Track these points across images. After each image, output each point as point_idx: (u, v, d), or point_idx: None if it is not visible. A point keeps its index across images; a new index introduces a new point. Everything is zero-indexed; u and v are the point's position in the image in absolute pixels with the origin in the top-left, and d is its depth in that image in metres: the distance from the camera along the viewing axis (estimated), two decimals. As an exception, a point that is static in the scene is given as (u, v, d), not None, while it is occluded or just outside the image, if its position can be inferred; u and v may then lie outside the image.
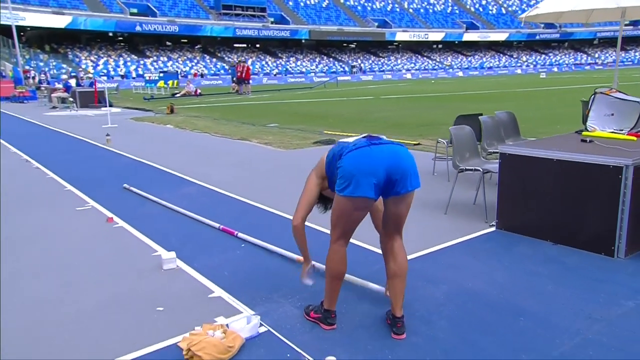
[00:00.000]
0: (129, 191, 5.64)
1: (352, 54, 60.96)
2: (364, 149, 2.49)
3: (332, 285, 2.72)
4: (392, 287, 2.66)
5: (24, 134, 11.10)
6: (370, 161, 2.45)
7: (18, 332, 2.70)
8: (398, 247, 2.68)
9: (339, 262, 2.68)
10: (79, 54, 43.29)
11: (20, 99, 22.49)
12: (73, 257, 3.77)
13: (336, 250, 2.67)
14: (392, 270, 2.66)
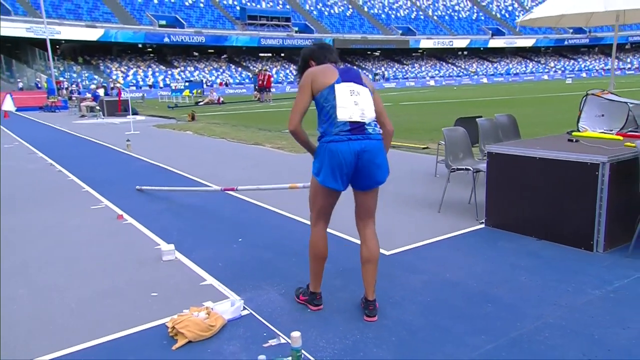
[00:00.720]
0: (141, 191, 5.95)
1: (376, 62, 61.14)
2: (341, 144, 2.63)
3: (314, 268, 2.94)
4: (365, 272, 2.84)
5: (51, 141, 11.68)
6: (343, 156, 2.63)
7: (28, 313, 2.99)
8: (370, 234, 2.86)
9: (318, 244, 2.89)
10: (110, 65, 44.76)
11: (52, 109, 23.49)
12: (82, 250, 4.07)
13: (315, 232, 2.90)
14: (364, 256, 2.84)
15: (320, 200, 2.83)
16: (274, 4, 56.38)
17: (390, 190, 5.91)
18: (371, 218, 2.88)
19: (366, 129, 2.66)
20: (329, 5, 60.16)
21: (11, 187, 6.46)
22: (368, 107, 2.67)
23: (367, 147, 2.65)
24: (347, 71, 2.75)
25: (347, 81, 2.68)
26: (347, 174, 2.69)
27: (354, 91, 2.65)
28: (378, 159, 2.70)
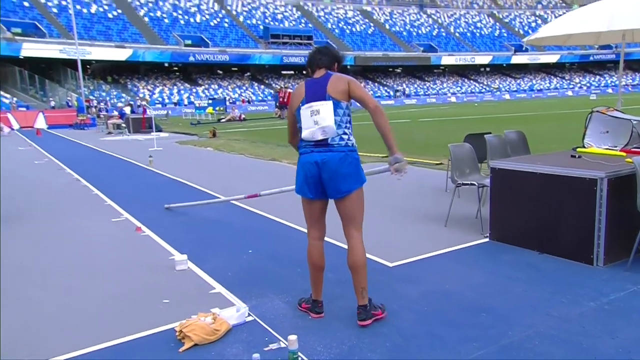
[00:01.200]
0: (169, 210, 6.14)
1: (397, 79, 61.38)
2: (306, 156, 2.93)
3: (312, 276, 3.11)
4: (353, 279, 2.98)
5: (79, 157, 12.15)
6: (307, 167, 2.92)
7: (46, 314, 3.21)
8: (355, 243, 2.96)
9: (312, 254, 3.08)
10: (137, 83, 46.07)
11: (81, 126, 24.34)
12: (101, 258, 4.31)
13: (310, 244, 3.10)
14: (349, 264, 2.97)
15: (304, 209, 3.08)
16: (296, 23, 57.39)
17: (398, 205, 6.05)
18: (352, 226, 2.97)
19: (329, 143, 2.86)
20: (350, 23, 60.90)
21: (41, 200, 6.80)
22: (329, 124, 2.82)
23: (327, 158, 2.85)
24: (313, 85, 2.91)
25: (310, 101, 2.88)
26: (314, 183, 2.92)
27: (314, 111, 2.85)
28: (342, 169, 2.85)
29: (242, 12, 55.74)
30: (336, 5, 63.73)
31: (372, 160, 9.64)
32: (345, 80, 2.89)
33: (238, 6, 56.33)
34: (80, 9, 43.48)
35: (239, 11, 55.62)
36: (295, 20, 58.18)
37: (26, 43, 36.86)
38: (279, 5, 59.55)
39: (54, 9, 41.91)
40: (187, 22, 50.04)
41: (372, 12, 64.94)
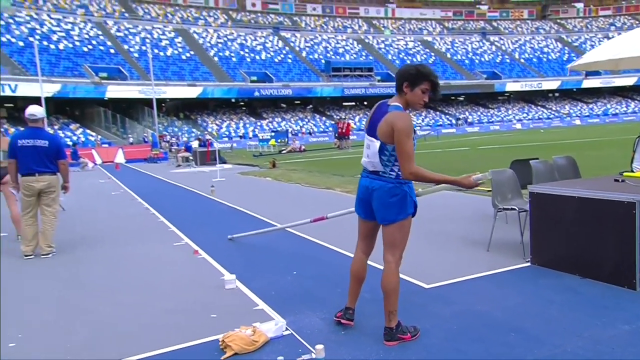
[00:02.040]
0: (232, 240, 6.53)
1: (460, 107, 60.53)
2: (362, 180, 3.16)
3: (351, 286, 3.33)
4: (384, 301, 3.10)
5: (149, 188, 13.10)
6: (361, 190, 3.15)
7: (112, 324, 3.62)
8: (389, 268, 3.07)
9: (356, 266, 3.30)
10: (207, 119, 48.63)
11: (154, 160, 26.09)
12: (161, 278, 4.72)
13: (356, 255, 3.33)
14: (382, 287, 3.09)
15: (358, 225, 3.30)
16: (357, 56, 58.54)
17: (443, 229, 6.11)
18: (390, 252, 3.06)
19: (380, 173, 3.00)
20: (411, 54, 61.27)
21: (115, 228, 7.48)
22: (375, 160, 2.98)
23: (377, 186, 3.00)
24: (375, 115, 3.03)
25: (367, 132, 3.08)
26: (365, 205, 3.12)
27: (367, 145, 3.06)
28: (389, 198, 2.95)
29: (304, 47, 57.76)
30: (396, 37, 64.47)
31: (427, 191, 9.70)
32: (392, 124, 2.81)
33: (301, 42, 58.46)
34: (158, 53, 46.98)
35: (301, 47, 57.68)
36: (357, 53, 59.37)
37: (110, 86, 40.26)
38: (340, 40, 61.15)
39: (135, 54, 45.57)
40: (253, 60, 52.52)
41: (432, 42, 65.04)
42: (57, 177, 5.95)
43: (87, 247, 6.17)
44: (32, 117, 5.90)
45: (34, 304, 4.18)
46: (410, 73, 2.87)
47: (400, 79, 2.91)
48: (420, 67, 2.89)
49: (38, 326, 3.64)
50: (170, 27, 52.57)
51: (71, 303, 4.13)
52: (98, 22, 48.36)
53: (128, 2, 53.22)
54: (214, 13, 58.38)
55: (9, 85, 34.89)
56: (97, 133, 38.96)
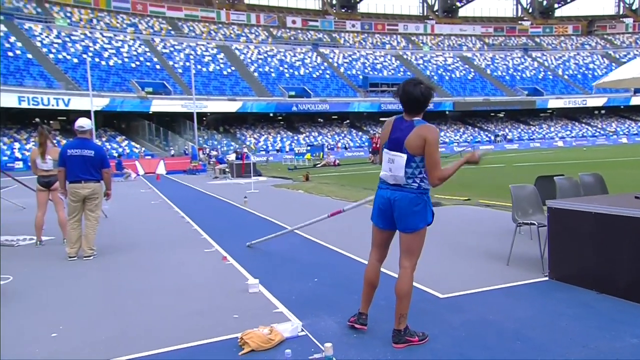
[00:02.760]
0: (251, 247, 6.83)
1: (499, 123, 59.53)
2: (381, 191, 3.32)
3: (364, 292, 3.49)
4: (396, 304, 3.25)
5: (186, 198, 13.63)
6: (381, 202, 3.30)
7: (142, 322, 3.91)
8: (405, 273, 3.24)
9: (368, 271, 3.46)
10: (245, 132, 49.78)
11: (193, 172, 26.94)
12: (189, 281, 5.00)
13: (369, 262, 3.49)
14: (396, 291, 3.25)
15: (372, 233, 3.46)
16: (395, 72, 58.70)
17: (468, 242, 6.18)
18: (407, 258, 3.24)
19: (402, 185, 3.18)
20: (450, 70, 60.89)
21: (151, 234, 7.89)
22: (398, 172, 3.15)
23: (399, 196, 3.18)
24: (397, 131, 3.16)
25: (390, 147, 3.20)
26: (385, 216, 3.26)
27: (390, 159, 3.19)
28: (412, 207, 3.15)
29: (342, 63, 58.42)
30: (435, 53, 64.28)
31: (454, 203, 9.73)
32: (424, 137, 3.05)
33: (339, 58, 59.17)
34: (200, 68, 48.64)
35: (340, 63, 58.37)
36: (394, 69, 59.54)
37: (155, 100, 41.97)
38: (378, 56, 61.53)
39: (179, 70, 47.35)
40: (292, 75, 53.54)
41: (472, 58, 64.48)
42: (100, 185, 6.38)
43: (124, 252, 6.57)
44: (81, 129, 6.37)
45: (74, 300, 4.53)
46: (432, 95, 3.18)
47: (427, 100, 3.15)
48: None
49: (76, 320, 3.97)
50: (213, 44, 54.36)
51: (107, 301, 4.45)
52: (146, 40, 50.57)
53: (175, 20, 55.43)
54: (255, 30, 59.98)
55: (63, 99, 36.94)
56: (141, 145, 40.52)
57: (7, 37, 40.70)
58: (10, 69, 37.56)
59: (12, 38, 40.97)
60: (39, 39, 43.19)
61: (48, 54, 41.89)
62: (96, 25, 49.37)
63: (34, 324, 3.90)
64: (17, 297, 4.64)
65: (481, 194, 10.35)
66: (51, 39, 44.11)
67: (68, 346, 3.44)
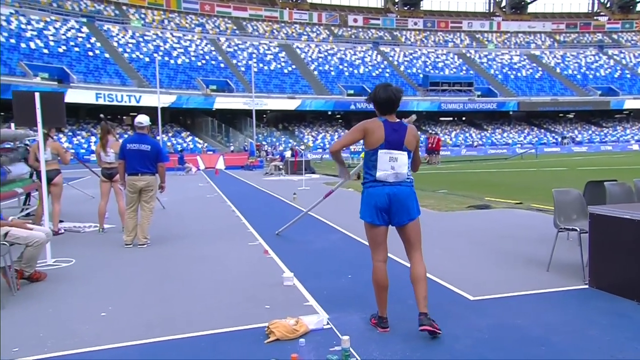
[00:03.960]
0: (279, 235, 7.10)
1: (568, 125, 56.55)
2: (377, 189, 3.45)
3: (379, 296, 3.56)
4: (415, 290, 3.39)
5: (240, 193, 14.10)
6: (378, 199, 3.44)
7: (182, 310, 4.18)
8: (417, 259, 3.47)
9: (377, 274, 3.55)
10: (303, 130, 50.43)
11: (250, 168, 27.70)
12: (230, 272, 5.25)
13: (375, 266, 3.58)
14: (413, 276, 3.41)
15: (370, 235, 3.56)
16: (457, 70, 57.25)
17: (510, 246, 6.06)
18: (416, 247, 3.49)
19: (401, 180, 3.44)
20: (516, 68, 58.56)
21: (202, 226, 8.29)
22: (402, 169, 3.43)
23: (398, 191, 3.42)
24: (393, 133, 3.42)
25: (389, 148, 3.39)
26: (383, 212, 3.43)
27: (393, 158, 3.42)
28: (411, 199, 3.44)
29: (403, 62, 57.72)
30: (501, 51, 62.03)
31: (504, 207, 9.47)
32: (417, 136, 3.54)
33: (400, 57, 58.50)
34: (262, 67, 49.81)
35: (400, 61, 57.71)
36: (457, 67, 58.07)
37: (219, 97, 43.48)
38: (440, 54, 60.25)
39: (242, 68, 48.70)
40: (351, 74, 53.57)
41: (541, 56, 61.65)
42: (155, 178, 6.80)
43: (175, 241, 6.96)
44: (139, 125, 6.82)
45: (124, 284, 4.90)
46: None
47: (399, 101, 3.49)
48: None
49: (124, 302, 4.30)
50: (275, 43, 55.43)
51: (153, 287, 4.78)
52: (212, 39, 52.41)
53: (240, 20, 57.06)
54: (316, 29, 60.51)
55: (134, 96, 39.14)
56: (204, 141, 42.14)
57: (89, 38, 43.63)
58: (90, 67, 40.26)
59: (93, 39, 43.86)
60: (115, 39, 45.91)
61: (123, 53, 44.44)
62: (167, 26, 51.75)
63: (88, 304, 4.28)
64: (76, 279, 5.08)
65: (535, 197, 9.99)
66: (126, 39, 46.75)
67: (113, 326, 3.75)
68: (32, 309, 4.15)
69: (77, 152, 31.43)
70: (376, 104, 3.49)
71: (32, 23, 41.78)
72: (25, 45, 38.83)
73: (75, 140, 36.70)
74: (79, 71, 38.97)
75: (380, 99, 3.46)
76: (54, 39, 41.22)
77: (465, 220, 8.19)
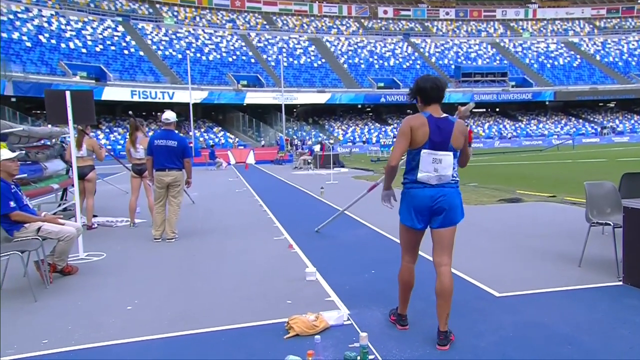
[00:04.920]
0: (318, 232, 7.07)
1: (609, 114, 54.47)
2: (418, 190, 3.19)
3: (401, 294, 3.48)
4: (437, 304, 3.17)
5: (268, 187, 14.19)
6: (419, 201, 3.18)
7: (206, 304, 4.23)
8: (444, 271, 3.18)
9: (403, 275, 3.43)
10: (333, 124, 50.37)
11: (280, 162, 27.89)
12: (255, 267, 5.27)
13: (402, 265, 3.46)
14: (437, 290, 3.18)
15: (405, 237, 3.39)
16: (490, 60, 55.92)
17: (540, 241, 5.89)
18: (447, 253, 3.20)
19: (444, 182, 3.15)
20: (552, 57, 56.77)
21: (230, 220, 8.38)
22: (446, 172, 3.12)
23: (442, 192, 3.14)
24: (438, 130, 3.11)
25: (434, 148, 3.10)
26: (424, 215, 3.18)
27: (437, 160, 3.11)
28: (456, 201, 3.17)
29: (434, 53, 56.80)
30: (536, 39, 60.20)
31: (536, 200, 9.20)
32: (465, 131, 3.22)
33: (431, 48, 57.60)
34: (292, 61, 49.94)
35: (431, 52, 56.82)
36: (490, 57, 56.74)
37: (249, 92, 43.92)
38: (473, 44, 58.99)
39: (272, 63, 49.00)
40: (381, 66, 53.10)
41: (579, 43, 59.52)
42: (182, 173, 6.89)
43: (203, 236, 7.06)
44: (166, 121, 6.92)
45: (151, 278, 4.99)
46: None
47: (445, 89, 3.26)
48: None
49: (150, 296, 4.38)
50: (305, 37, 55.47)
51: (179, 281, 4.85)
52: (242, 35, 52.88)
53: (270, 14, 57.31)
54: (346, 22, 60.19)
55: (168, 92, 39.96)
56: (235, 136, 42.64)
57: (124, 37, 44.74)
58: (125, 65, 41.31)
59: (128, 37, 44.96)
60: (149, 37, 46.92)
61: (157, 50, 45.39)
62: (199, 23, 52.51)
63: (115, 297, 4.38)
64: (105, 273, 5.21)
65: (570, 190, 9.67)
66: (160, 36, 47.71)
67: (138, 319, 3.82)
68: (62, 302, 4.28)
69: (113, 148, 32.33)
70: (420, 95, 3.22)
71: (71, 23, 43.14)
72: (65, 45, 40.15)
73: (112, 137, 37.76)
74: (115, 69, 40.04)
75: (424, 88, 3.19)
76: (91, 38, 42.48)
77: (494, 214, 8.00)
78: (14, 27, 38.57)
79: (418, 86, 3.24)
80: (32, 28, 39.76)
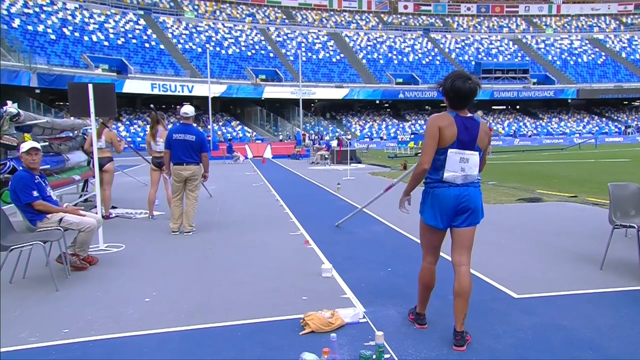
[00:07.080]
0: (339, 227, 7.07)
1: (634, 113, 53.22)
2: (443, 190, 3.12)
3: (421, 293, 3.45)
4: (455, 304, 3.13)
5: (285, 182, 14.23)
6: (444, 200, 3.13)
7: (222, 298, 4.25)
8: (464, 271, 3.15)
9: (425, 276, 3.39)
10: (351, 119, 50.20)
11: (296, 157, 27.92)
12: (270, 261, 5.29)
13: (423, 266, 3.42)
14: (455, 290, 3.14)
15: (427, 237, 3.34)
16: (511, 57, 55.08)
17: (560, 242, 5.79)
18: (467, 253, 3.17)
19: (469, 182, 3.11)
20: (576, 54, 55.67)
21: (246, 214, 8.42)
22: (473, 171, 3.09)
23: (467, 192, 3.10)
24: (465, 130, 3.05)
25: (461, 147, 3.04)
26: (449, 214, 3.13)
27: (464, 159, 3.06)
28: (479, 201, 3.15)
29: (454, 49, 56.16)
30: (559, 36, 59.08)
31: (557, 200, 9.05)
32: (489, 133, 3.22)
33: (451, 44, 56.95)
34: (311, 56, 49.85)
35: (451, 48, 56.18)
36: (511, 54, 55.89)
37: (267, 87, 44.00)
38: (494, 40, 58.16)
39: (291, 57, 49.00)
40: (400, 62, 52.69)
41: (604, 40, 58.25)
42: (199, 167, 6.93)
43: (220, 229, 7.11)
44: (185, 115, 6.95)
45: (169, 270, 5.04)
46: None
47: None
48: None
49: (168, 288, 4.42)
50: (324, 32, 55.31)
51: (196, 274, 4.89)
52: (262, 29, 52.95)
53: (289, 9, 57.26)
54: (366, 17, 59.84)
55: (187, 86, 40.28)
56: (253, 130, 42.81)
57: (145, 30, 45.17)
58: (146, 58, 41.73)
59: (149, 31, 45.37)
60: (170, 30, 47.29)
61: (177, 44, 45.73)
62: (219, 16, 52.73)
63: (134, 288, 4.43)
64: (124, 264, 5.28)
65: (591, 190, 9.49)
66: (180, 30, 48.05)
67: (155, 311, 3.86)
68: (82, 292, 4.35)
69: (133, 140, 32.73)
70: (451, 96, 3.08)
71: (94, 17, 43.70)
72: (88, 38, 40.70)
73: (132, 129, 38.24)
74: (136, 62, 40.49)
75: (459, 92, 3.04)
76: (113, 31, 42.99)
77: (513, 214, 7.89)
78: (39, 20, 39.25)
79: (450, 88, 3.07)
80: (56, 21, 40.40)
